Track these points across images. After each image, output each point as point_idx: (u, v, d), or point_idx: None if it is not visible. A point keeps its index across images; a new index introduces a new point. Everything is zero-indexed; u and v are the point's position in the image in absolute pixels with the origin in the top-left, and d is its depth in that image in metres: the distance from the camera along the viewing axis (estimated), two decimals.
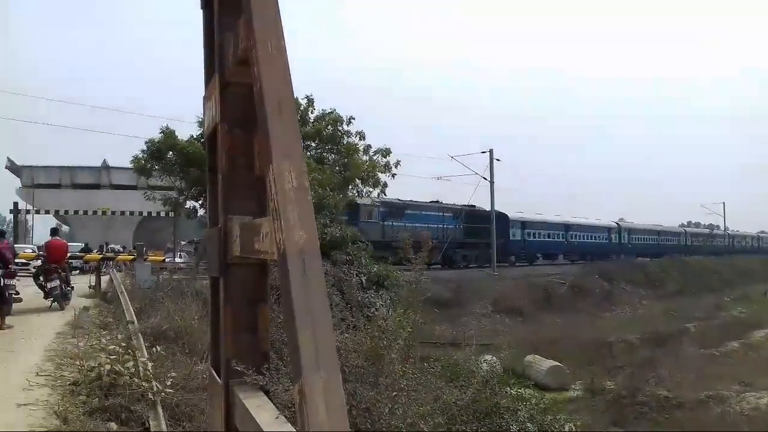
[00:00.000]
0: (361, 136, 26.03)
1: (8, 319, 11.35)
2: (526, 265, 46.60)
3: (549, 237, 52.11)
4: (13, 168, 47.59)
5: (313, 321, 2.16)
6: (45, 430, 5.55)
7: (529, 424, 5.44)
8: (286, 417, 3.02)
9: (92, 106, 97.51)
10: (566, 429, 6.63)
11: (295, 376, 2.15)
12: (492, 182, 41.51)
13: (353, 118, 25.77)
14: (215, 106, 3.50)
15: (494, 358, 12.34)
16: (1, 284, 11.16)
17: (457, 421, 4.53)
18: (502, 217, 44.02)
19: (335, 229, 17.86)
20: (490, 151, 41.78)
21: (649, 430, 12.93)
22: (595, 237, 58.17)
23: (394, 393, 4.21)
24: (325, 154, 25.42)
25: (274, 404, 3.23)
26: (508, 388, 5.74)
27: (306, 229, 2.29)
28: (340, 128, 25.52)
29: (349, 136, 25.87)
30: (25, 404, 6.28)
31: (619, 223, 64.00)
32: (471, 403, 4.97)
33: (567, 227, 54.07)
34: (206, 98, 3.91)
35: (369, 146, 26.48)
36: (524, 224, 49.22)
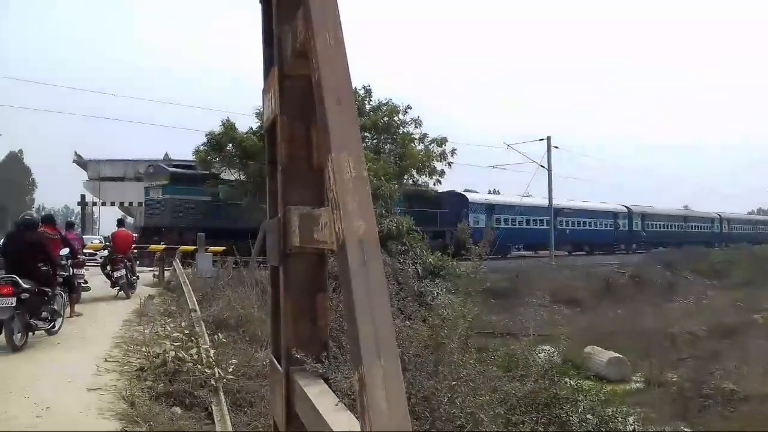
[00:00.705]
0: (417, 123, 25.95)
1: (77, 307, 11.82)
2: (497, 258, 29.78)
3: (528, 224, 43.06)
4: (81, 162, 49.44)
5: (372, 310, 2.18)
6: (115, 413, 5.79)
7: (589, 416, 5.36)
8: (345, 404, 3.07)
9: (155, 101, 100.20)
10: (630, 422, 6.49)
11: (355, 364, 2.18)
12: (549, 170, 40.81)
13: (410, 107, 25.73)
14: (274, 99, 3.56)
15: (552, 348, 12.17)
16: (71, 274, 11.63)
17: (516, 412, 4.50)
18: (457, 199, 37.99)
19: (391, 220, 17.92)
20: (548, 139, 41.09)
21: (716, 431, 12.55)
22: (594, 224, 49.35)
23: (453, 382, 4.21)
24: (381, 144, 25.48)
25: (333, 392, 3.28)
26: (567, 379, 5.67)
27: (365, 219, 2.31)
28: (396, 118, 25.51)
29: (405, 126, 25.84)
30: (95, 388, 6.55)
31: (630, 206, 53.86)
32: (529, 394, 4.93)
33: (556, 212, 42.78)
34: (265, 91, 3.98)
35: (425, 135, 26.38)
36: (491, 207, 41.23)
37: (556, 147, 41.38)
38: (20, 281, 8.43)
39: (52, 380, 6.86)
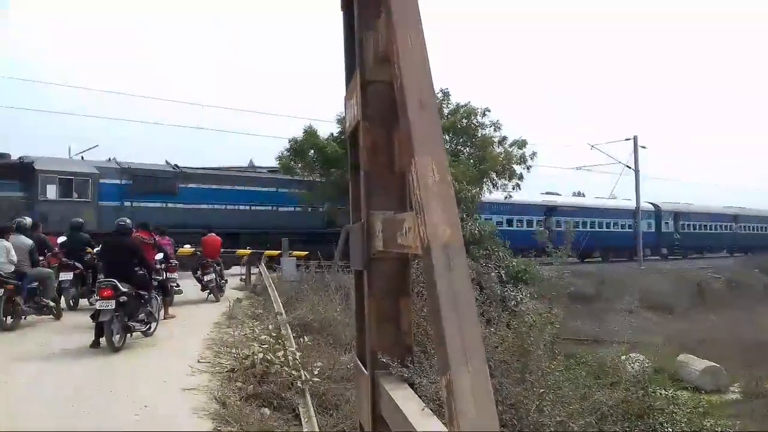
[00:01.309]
0: (496, 126, 25.61)
1: (171, 310, 12.33)
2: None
3: (510, 225, 34.81)
4: None
5: (459, 315, 2.16)
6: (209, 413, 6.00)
7: (685, 428, 5.10)
8: (431, 410, 3.05)
9: (237, 110, 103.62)
10: None
11: (442, 369, 2.16)
12: (637, 171, 39.39)
13: (488, 110, 25.45)
14: (356, 105, 3.60)
15: (642, 356, 11.71)
16: (164, 277, 12.15)
17: (607, 421, 4.35)
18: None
19: (472, 224, 17.78)
20: (634, 138, 39.70)
21: None
22: (605, 225, 40.96)
23: (542, 390, 4.11)
24: (459, 147, 25.33)
25: (419, 396, 3.27)
26: (662, 389, 5.42)
27: (450, 223, 2.29)
28: (474, 120, 25.29)
29: (484, 129, 25.57)
30: (189, 389, 6.82)
31: (659, 204, 44.97)
32: (621, 403, 4.75)
33: (549, 210, 37.99)
34: (347, 97, 4.04)
35: (504, 138, 26.00)
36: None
37: (644, 147, 39.95)
38: (119, 285, 8.86)
39: (149, 380, 7.18)
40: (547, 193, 40.81)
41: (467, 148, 25.62)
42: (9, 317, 10.31)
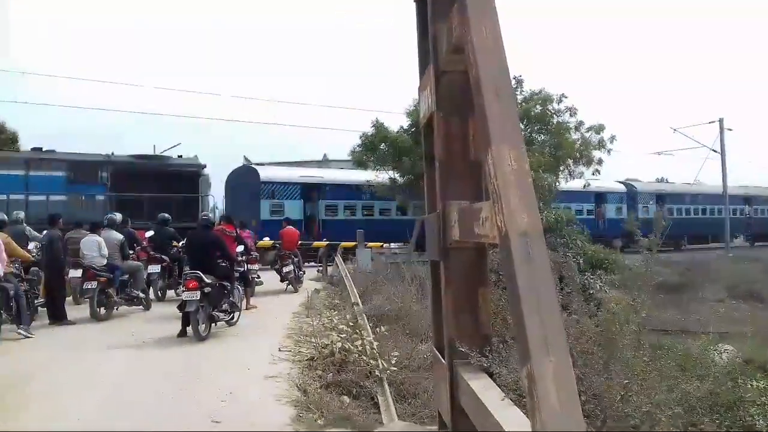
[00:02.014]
0: (572, 112, 24.95)
1: (252, 301, 12.73)
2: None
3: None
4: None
5: (539, 304, 2.15)
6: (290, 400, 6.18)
7: None
8: (511, 400, 3.04)
9: (311, 104, 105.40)
10: None
11: (523, 359, 2.15)
12: (723, 155, 37.58)
13: (564, 96, 24.82)
14: (430, 96, 3.62)
15: (732, 347, 11.22)
16: (246, 269, 12.54)
17: (695, 413, 4.21)
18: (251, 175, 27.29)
19: (549, 212, 17.46)
20: (720, 121, 37.87)
21: None
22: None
23: (626, 380, 4.02)
24: (533, 135, 24.86)
25: (498, 386, 3.27)
26: (753, 381, 5.19)
27: (528, 212, 2.27)
28: (549, 107, 24.75)
29: (560, 115, 24.99)
30: (271, 376, 7.03)
31: (634, 184, 39.12)
32: (709, 395, 4.58)
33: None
34: (421, 88, 4.06)
35: (581, 123, 25.31)
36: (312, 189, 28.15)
37: (730, 129, 38.04)
38: (203, 277, 9.22)
39: (233, 368, 7.45)
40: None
41: (542, 136, 25.12)
42: (102, 308, 10.92)
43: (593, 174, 26.29)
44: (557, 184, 24.63)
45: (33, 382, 6.76)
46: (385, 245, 24.14)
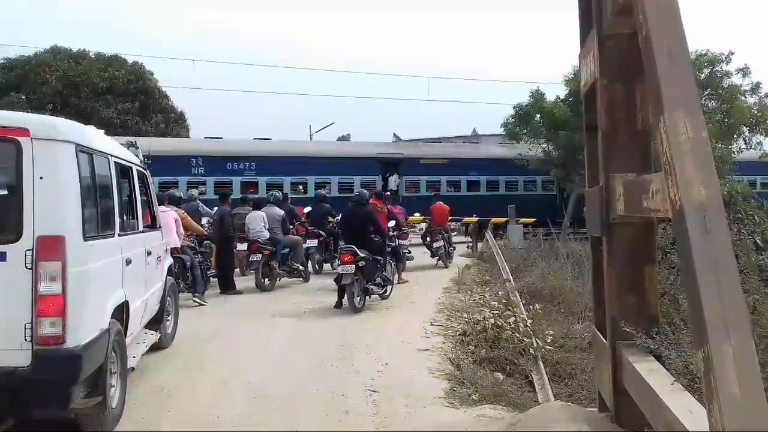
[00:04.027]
0: (745, 72, 22.42)
1: (403, 275, 12.97)
2: None
3: None
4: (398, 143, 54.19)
5: (718, 283, 1.99)
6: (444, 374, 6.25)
7: None
8: (683, 385, 2.85)
9: (461, 79, 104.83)
10: None
11: (698, 341, 2.01)
12: None
13: (732, 53, 22.39)
14: (593, 62, 3.43)
15: None
16: (397, 244, 12.79)
17: None
18: None
19: (722, 185, 16.06)
20: None
21: None
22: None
23: None
24: (702, 101, 22.84)
25: (666, 370, 3.08)
26: None
27: (706, 183, 2.11)
28: (717, 69, 22.55)
29: (729, 77, 22.65)
30: (424, 349, 7.15)
31: None
32: None
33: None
34: (582, 55, 3.87)
35: (758, 84, 22.73)
36: None
37: None
38: (357, 251, 9.54)
39: (388, 340, 7.66)
40: None
41: (711, 102, 23.04)
42: (266, 279, 11.65)
43: None
44: (733, 155, 22.51)
45: (211, 344, 7.39)
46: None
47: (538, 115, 24.13)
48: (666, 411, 2.49)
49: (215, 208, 12.25)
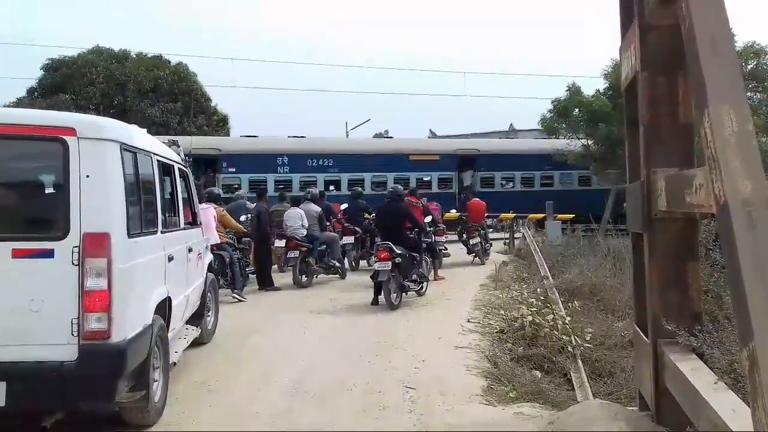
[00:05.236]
0: None
1: (440, 272, 12.93)
2: None
3: None
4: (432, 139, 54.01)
5: (763, 279, 1.94)
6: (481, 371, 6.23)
7: None
8: (726, 384, 2.79)
9: (494, 74, 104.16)
10: None
11: (744, 339, 1.97)
12: None
13: None
14: (634, 55, 3.38)
15: None
16: (433, 240, 12.75)
17: None
18: None
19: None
20: None
21: None
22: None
23: None
24: (748, 93, 22.21)
25: (710, 369, 3.02)
26: None
27: (752, 178, 2.06)
28: (764, 61, 21.94)
29: None
30: (461, 347, 7.13)
31: None
32: None
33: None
34: (623, 49, 3.80)
35: None
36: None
37: None
38: (393, 248, 9.54)
39: (425, 337, 7.66)
40: None
41: (757, 94, 22.41)
42: (304, 276, 11.75)
43: None
44: None
45: (250, 340, 7.50)
46: None
47: (577, 110, 23.79)
48: (709, 410, 2.44)
49: (254, 205, 12.40)
